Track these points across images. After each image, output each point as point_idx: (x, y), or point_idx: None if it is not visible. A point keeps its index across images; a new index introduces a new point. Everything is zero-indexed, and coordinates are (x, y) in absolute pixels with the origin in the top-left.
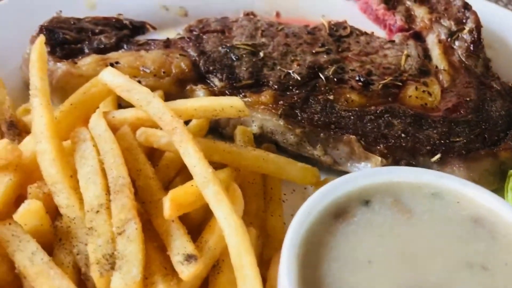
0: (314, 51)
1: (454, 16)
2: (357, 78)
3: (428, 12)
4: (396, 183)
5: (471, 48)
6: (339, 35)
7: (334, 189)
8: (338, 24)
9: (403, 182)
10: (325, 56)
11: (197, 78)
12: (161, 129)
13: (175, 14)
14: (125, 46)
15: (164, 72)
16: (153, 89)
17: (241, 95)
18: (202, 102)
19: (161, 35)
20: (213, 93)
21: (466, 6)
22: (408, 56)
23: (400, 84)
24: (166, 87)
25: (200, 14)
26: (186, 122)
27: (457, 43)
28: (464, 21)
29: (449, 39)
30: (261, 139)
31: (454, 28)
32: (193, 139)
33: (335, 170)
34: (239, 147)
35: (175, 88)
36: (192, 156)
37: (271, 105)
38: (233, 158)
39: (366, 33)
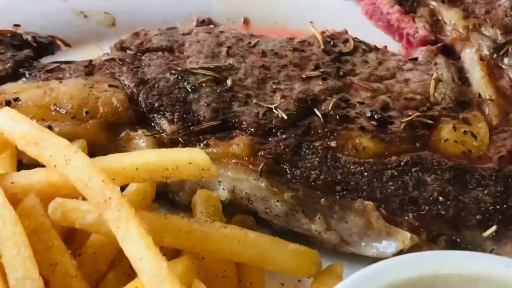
0: (304, 76)
1: (501, 21)
2: (369, 115)
3: (463, 16)
4: (442, 277)
5: None
6: (338, 51)
7: None
8: (336, 36)
9: (452, 274)
10: (320, 83)
11: (137, 120)
12: (86, 200)
13: (97, 23)
14: (27, 74)
15: (87, 113)
16: (71, 137)
17: (202, 144)
18: (146, 158)
19: (79, 55)
20: (160, 142)
21: None
22: (439, 80)
23: (430, 122)
24: (91, 135)
25: (134, 22)
26: (122, 188)
27: (506, 60)
28: None
29: (494, 55)
30: (233, 209)
31: (501, 38)
32: (136, 216)
33: (343, 253)
34: (202, 223)
35: (104, 136)
36: (136, 242)
37: (246, 158)
38: (194, 241)
39: (376, 48)
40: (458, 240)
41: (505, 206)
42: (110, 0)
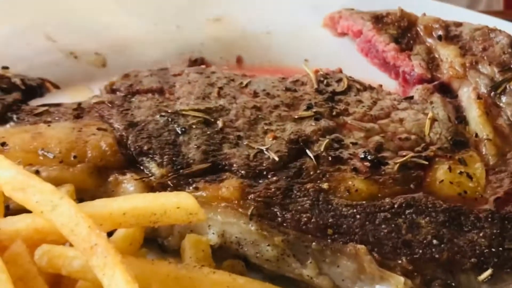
0: (296, 116)
1: (498, 59)
2: (363, 156)
3: (460, 54)
4: None
5: None
6: (332, 91)
7: None
8: (330, 75)
9: None
10: (313, 124)
11: (125, 164)
12: (72, 246)
13: (88, 64)
14: (15, 118)
15: (75, 157)
16: (58, 182)
17: (191, 187)
18: (134, 203)
19: (69, 97)
20: (149, 185)
21: None
22: (434, 120)
23: (425, 162)
24: (79, 179)
25: (125, 63)
26: (110, 232)
27: (504, 98)
28: None
29: (492, 94)
30: (224, 254)
31: (498, 76)
32: (123, 263)
33: None
34: (190, 268)
35: (92, 180)
36: None
37: (236, 202)
38: (182, 287)
39: (371, 87)
40: (453, 284)
41: (500, 249)
42: (101, 41)
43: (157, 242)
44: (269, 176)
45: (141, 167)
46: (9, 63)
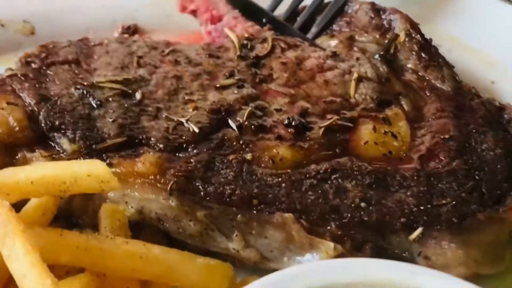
0: (218, 85)
1: (369, 25)
2: (287, 122)
3: (330, 36)
4: (344, 285)
5: (423, 55)
6: (255, 56)
7: None
8: (254, 36)
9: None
10: (235, 92)
11: (36, 141)
12: None
13: (15, 33)
14: None
15: None
16: None
17: (105, 163)
18: (43, 171)
19: None
20: None
21: (377, 7)
22: (360, 79)
23: (350, 125)
24: None
25: (54, 32)
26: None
27: (400, 56)
28: (388, 26)
29: (386, 57)
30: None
31: (381, 40)
32: (23, 232)
33: (264, 270)
34: (102, 239)
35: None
36: (22, 259)
37: (154, 177)
38: (93, 258)
39: (295, 45)
40: (384, 246)
41: (429, 206)
42: (29, 8)
43: (71, 221)
44: (189, 149)
45: (52, 144)
46: None
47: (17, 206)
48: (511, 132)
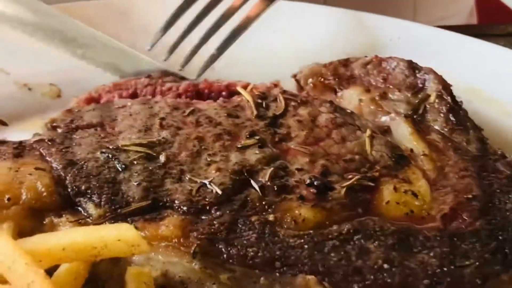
0: (240, 146)
1: (403, 83)
2: (309, 182)
3: (365, 90)
4: None
5: (451, 117)
6: (272, 115)
7: None
8: (266, 93)
9: None
10: (257, 152)
11: (62, 205)
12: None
13: (42, 96)
14: None
15: (9, 199)
16: None
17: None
18: (73, 237)
19: (21, 132)
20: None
21: (414, 65)
22: (373, 136)
23: (371, 184)
24: (14, 222)
25: (80, 93)
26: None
27: (428, 116)
28: (421, 85)
29: (414, 116)
30: None
31: (412, 99)
32: None
33: None
34: None
35: (27, 223)
36: None
37: (177, 240)
38: None
39: (303, 101)
40: None
41: (452, 267)
42: (56, 72)
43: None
44: (212, 211)
45: (79, 208)
46: None
47: (48, 271)
48: None
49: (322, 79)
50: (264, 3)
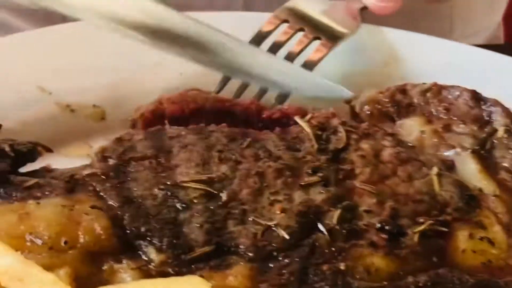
0: (303, 183)
1: (468, 115)
2: (379, 226)
3: (426, 121)
4: None
5: None
6: (334, 149)
7: None
8: (325, 124)
9: None
10: (322, 191)
11: (121, 248)
12: None
13: (86, 119)
14: (2, 193)
15: (65, 243)
16: (48, 271)
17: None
18: None
19: (64, 158)
20: (148, 274)
21: (479, 96)
22: (440, 174)
23: (445, 230)
24: (70, 267)
25: (125, 115)
26: None
27: (495, 153)
28: (488, 118)
29: (481, 152)
30: None
31: (479, 132)
32: None
33: None
34: None
35: (84, 268)
36: None
37: None
38: None
39: (365, 134)
40: None
41: None
42: (99, 93)
43: None
44: (279, 258)
45: (139, 252)
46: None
47: None
48: None
49: (380, 107)
50: (326, 46)
